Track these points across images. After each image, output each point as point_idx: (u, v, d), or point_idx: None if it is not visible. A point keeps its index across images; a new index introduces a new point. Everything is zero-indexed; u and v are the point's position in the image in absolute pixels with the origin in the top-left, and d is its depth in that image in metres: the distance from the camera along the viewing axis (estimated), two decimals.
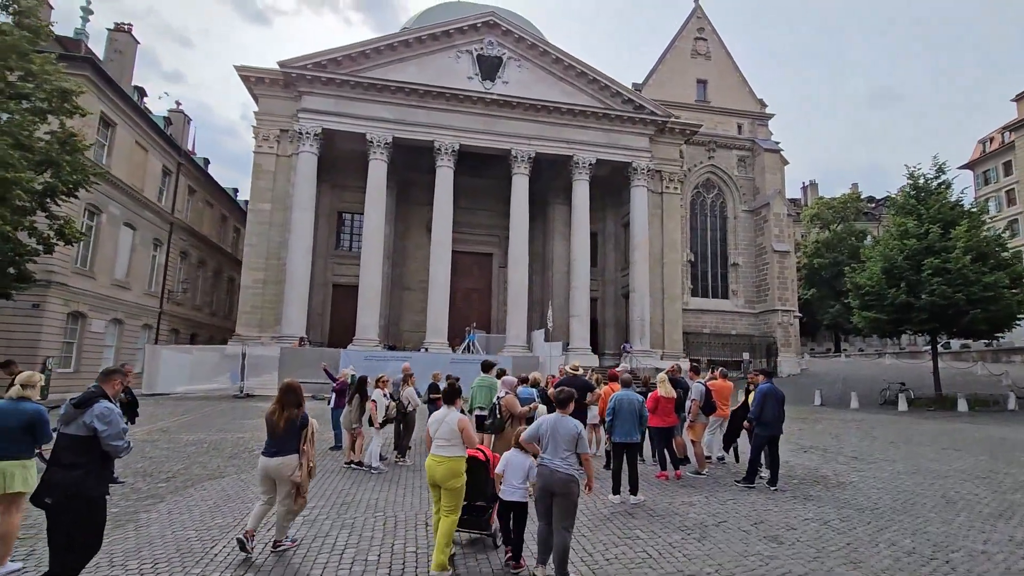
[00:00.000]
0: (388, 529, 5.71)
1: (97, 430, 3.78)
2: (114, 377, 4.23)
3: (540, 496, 4.65)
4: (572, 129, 29.45)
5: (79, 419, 3.81)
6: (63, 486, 3.69)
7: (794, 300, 35.63)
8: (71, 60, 19.84)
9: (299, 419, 5.05)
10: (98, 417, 3.79)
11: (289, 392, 5.13)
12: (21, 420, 4.64)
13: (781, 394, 7.84)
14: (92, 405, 3.85)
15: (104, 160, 22.25)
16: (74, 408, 3.85)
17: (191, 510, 6.29)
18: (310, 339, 27.42)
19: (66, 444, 3.80)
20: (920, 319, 19.85)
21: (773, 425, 7.66)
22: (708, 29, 37.81)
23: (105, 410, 3.85)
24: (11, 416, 4.61)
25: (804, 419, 16.79)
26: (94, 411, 3.82)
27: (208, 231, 33.14)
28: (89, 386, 4.09)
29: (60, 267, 19.65)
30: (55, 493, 3.69)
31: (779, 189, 35.22)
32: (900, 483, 8.05)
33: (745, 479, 7.76)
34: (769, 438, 7.67)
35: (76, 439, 3.78)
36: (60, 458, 3.79)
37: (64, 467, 3.74)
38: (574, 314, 29.05)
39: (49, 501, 3.68)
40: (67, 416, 3.85)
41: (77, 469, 3.73)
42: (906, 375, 27.52)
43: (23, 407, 4.70)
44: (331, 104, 27.12)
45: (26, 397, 4.77)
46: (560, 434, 4.66)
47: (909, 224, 20.45)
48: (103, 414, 3.82)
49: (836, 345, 53.68)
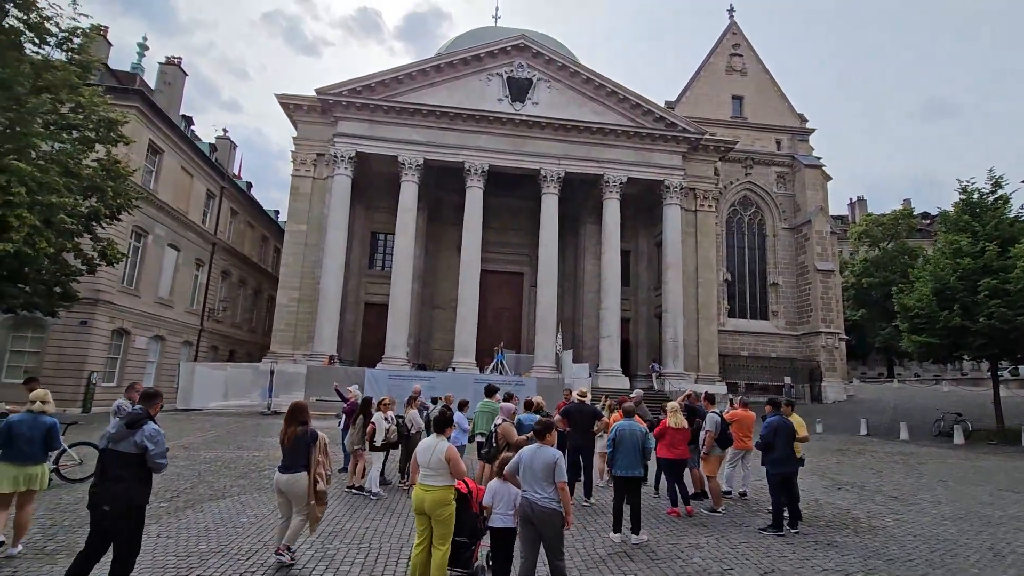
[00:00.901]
0: (368, 564, 5.50)
1: (147, 449, 4.29)
2: (156, 401, 4.70)
3: (523, 530, 4.66)
4: (602, 148, 29.24)
5: (130, 438, 4.30)
6: (120, 497, 4.20)
7: (840, 322, 33.83)
8: (123, 92, 21.22)
9: (306, 435, 5.36)
10: (148, 438, 4.32)
11: (295, 411, 5.47)
12: (41, 431, 5.69)
13: (789, 427, 7.17)
14: (142, 426, 4.35)
15: (151, 185, 23.50)
16: (126, 428, 4.32)
17: (180, 533, 6.27)
18: (341, 357, 27.87)
19: (116, 460, 4.28)
20: (977, 344, 18.35)
21: (784, 462, 7.01)
22: (744, 45, 37.07)
23: (154, 432, 4.37)
24: (34, 428, 5.65)
25: (845, 451, 15.66)
26: (144, 432, 4.33)
27: (249, 251, 34.43)
28: (135, 408, 4.67)
29: (107, 286, 20.71)
30: (113, 502, 4.19)
31: (821, 206, 33.75)
32: (942, 530, 7.25)
33: (772, 526, 6.97)
34: (783, 476, 7.02)
35: (126, 456, 4.27)
36: (109, 472, 4.26)
37: (116, 480, 4.22)
38: (604, 335, 28.43)
39: (107, 509, 4.17)
40: (118, 435, 4.33)
41: (127, 482, 4.25)
42: (965, 404, 25.50)
43: (42, 420, 5.76)
44: (365, 128, 27.91)
45: (44, 411, 5.82)
46: (537, 465, 4.61)
47: (963, 242, 19.08)
48: (152, 435, 4.34)
49: (889, 370, 50.56)
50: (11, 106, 13.07)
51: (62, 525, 6.53)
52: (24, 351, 19.87)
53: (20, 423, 5.65)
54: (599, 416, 8.51)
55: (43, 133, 13.60)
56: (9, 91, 13.10)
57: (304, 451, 5.35)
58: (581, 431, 8.27)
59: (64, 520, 6.74)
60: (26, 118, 13.13)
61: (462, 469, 4.97)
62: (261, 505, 7.71)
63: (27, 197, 12.33)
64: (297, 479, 5.27)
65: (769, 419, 7.28)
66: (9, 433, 5.58)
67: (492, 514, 4.82)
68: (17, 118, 13.07)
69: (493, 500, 4.81)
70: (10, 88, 13.11)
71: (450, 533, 4.72)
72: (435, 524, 4.67)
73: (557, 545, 4.60)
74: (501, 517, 4.76)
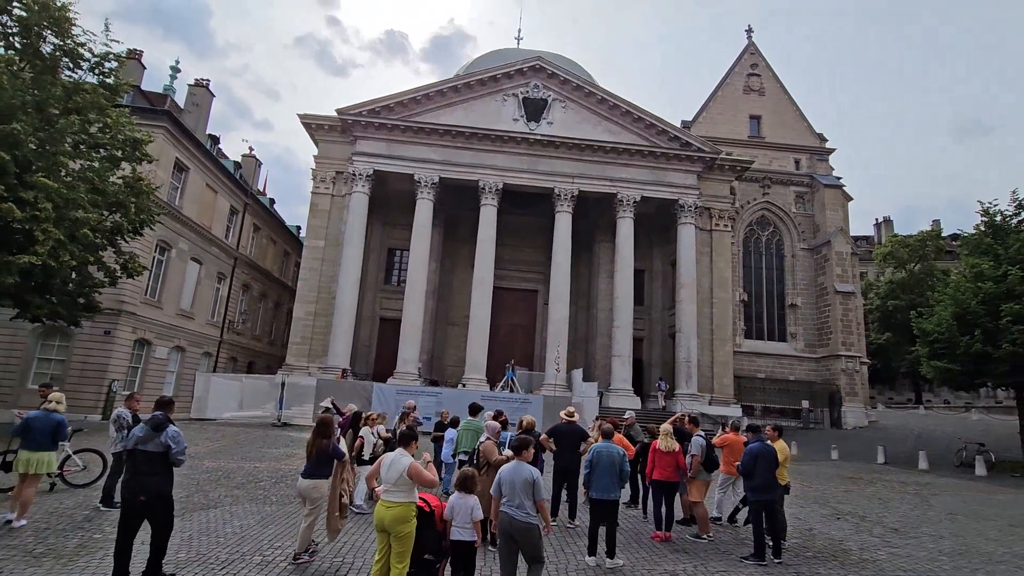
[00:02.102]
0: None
1: (170, 447, 5.17)
2: (171, 407, 5.60)
3: (502, 542, 4.94)
4: (616, 167, 29.34)
5: (155, 439, 5.14)
6: (153, 489, 5.07)
7: (861, 345, 32.90)
8: (152, 113, 22.26)
9: (330, 449, 6.09)
10: (171, 438, 5.20)
11: (321, 425, 6.23)
12: (51, 425, 7.19)
13: (772, 453, 7.05)
14: (166, 429, 5.22)
15: (176, 200, 24.44)
16: (152, 431, 5.17)
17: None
18: (355, 371, 28.23)
19: (145, 458, 5.12)
20: (1000, 371, 17.68)
21: (766, 489, 6.87)
22: (762, 65, 36.97)
23: (175, 433, 5.27)
24: (46, 423, 7.14)
25: (856, 479, 15.16)
26: (168, 434, 5.20)
27: (270, 266, 35.33)
28: (155, 413, 5.42)
29: (130, 297, 21.51)
30: (148, 493, 5.03)
31: (841, 226, 33.12)
32: (936, 566, 7.00)
33: (754, 555, 6.79)
34: (765, 504, 6.88)
35: (152, 454, 5.13)
36: (141, 469, 5.10)
37: (147, 475, 5.08)
38: (616, 354, 28.22)
39: (144, 499, 5.01)
40: (145, 437, 5.16)
41: (157, 475, 5.12)
42: (993, 434, 24.47)
43: (52, 416, 7.26)
44: (383, 147, 28.61)
45: (56, 410, 7.32)
46: (517, 482, 4.87)
47: (985, 266, 18.51)
48: (174, 436, 5.23)
49: (917, 395, 48.78)
50: (43, 126, 13.88)
51: (55, 528, 6.79)
52: (51, 358, 20.71)
53: (35, 419, 7.15)
54: (586, 437, 8.47)
55: (71, 152, 14.35)
56: (42, 112, 13.94)
57: (328, 462, 6.11)
58: (568, 451, 8.25)
59: (58, 524, 7.00)
60: (56, 138, 13.90)
61: (428, 479, 5.08)
62: (249, 516, 7.88)
63: (53, 213, 13.00)
64: (317, 485, 5.98)
65: (751, 445, 7.16)
66: (27, 426, 7.09)
67: (452, 527, 4.92)
68: (48, 138, 13.86)
69: (452, 513, 4.91)
70: (43, 110, 13.94)
71: (408, 550, 4.78)
72: (394, 541, 4.75)
73: (535, 553, 4.85)
74: (459, 530, 4.87)
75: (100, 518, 7.36)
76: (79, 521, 7.19)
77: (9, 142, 12.55)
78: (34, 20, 13.91)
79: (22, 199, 12.64)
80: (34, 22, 13.94)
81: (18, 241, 13.25)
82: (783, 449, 7.67)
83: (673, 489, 7.97)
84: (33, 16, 13.86)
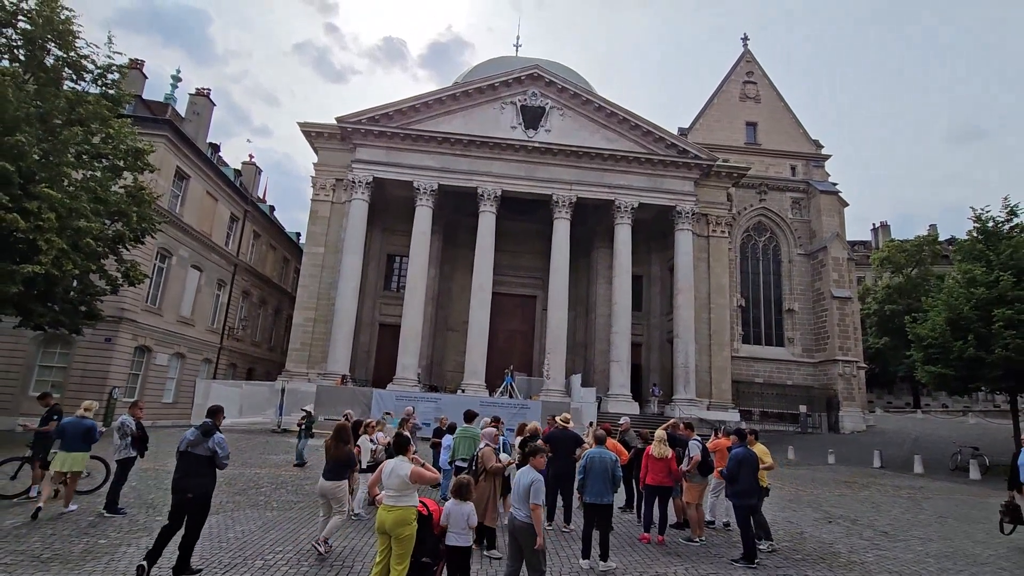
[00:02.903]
0: None
1: (216, 453, 5.88)
2: (220, 414, 6.34)
3: (509, 540, 5.43)
4: (614, 174, 29.59)
5: (204, 444, 5.83)
6: (199, 487, 5.75)
7: (858, 350, 33.07)
8: (153, 122, 22.49)
9: (345, 455, 6.91)
10: (217, 444, 5.90)
11: (339, 432, 7.03)
12: (83, 429, 8.30)
13: (755, 459, 7.20)
14: (213, 435, 5.91)
15: (177, 208, 24.63)
16: (202, 436, 5.85)
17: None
18: (355, 377, 28.36)
19: (194, 460, 5.80)
20: (994, 376, 17.86)
21: (749, 494, 7.01)
22: (757, 72, 37.33)
23: (221, 439, 5.97)
24: (78, 427, 8.28)
25: (851, 483, 15.30)
26: (215, 440, 5.90)
27: (270, 272, 35.50)
28: (205, 420, 6.08)
29: (131, 305, 21.65)
30: (195, 491, 5.72)
31: (837, 232, 33.35)
32: (922, 568, 7.15)
33: (744, 557, 6.93)
34: (750, 508, 7.03)
35: (201, 457, 5.81)
36: (191, 470, 5.78)
37: (195, 475, 5.76)
38: (614, 359, 28.36)
39: (191, 496, 5.70)
40: (195, 441, 5.84)
41: (204, 476, 5.81)
42: (990, 437, 24.63)
43: (84, 422, 8.38)
44: (382, 155, 28.85)
45: (86, 416, 8.50)
46: (521, 486, 5.29)
47: (977, 271, 18.74)
48: (219, 442, 5.93)
49: (915, 399, 48.92)
50: (46, 137, 14.10)
51: (61, 534, 6.93)
52: (52, 366, 20.83)
53: (70, 424, 8.33)
54: (580, 443, 8.63)
55: (74, 163, 14.55)
56: (45, 124, 14.15)
57: (347, 464, 6.99)
58: (563, 457, 8.39)
59: (64, 530, 7.15)
60: (59, 149, 14.11)
61: (429, 477, 5.29)
62: (251, 522, 8.03)
63: (56, 222, 13.18)
64: (338, 486, 6.77)
65: (735, 451, 7.33)
66: (63, 431, 8.34)
67: (448, 532, 5.10)
68: (51, 148, 14.07)
69: (448, 519, 5.09)
70: (46, 121, 14.16)
71: (408, 552, 4.94)
72: (394, 543, 4.91)
73: (535, 562, 5.13)
74: (455, 535, 5.07)
75: (105, 524, 7.51)
76: (84, 527, 7.33)
77: (13, 153, 12.75)
78: (38, 33, 14.15)
79: (26, 209, 12.82)
80: (38, 35, 14.18)
81: (21, 251, 13.43)
82: (764, 452, 7.88)
83: (666, 494, 8.13)
84: (37, 29, 14.10)
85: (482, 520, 6.49)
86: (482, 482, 6.85)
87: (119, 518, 7.83)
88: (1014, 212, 19.53)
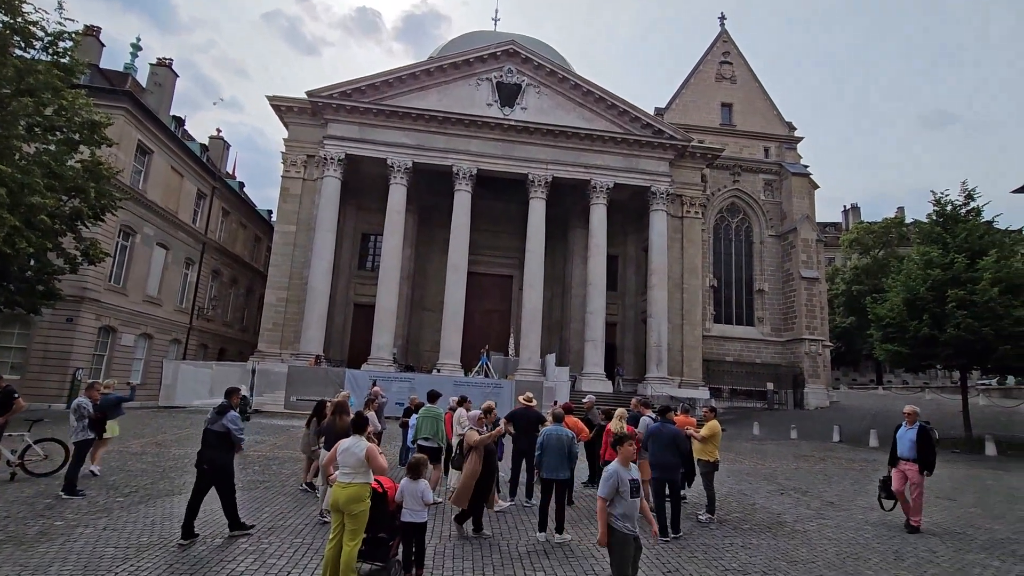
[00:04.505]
0: (295, 557, 5.83)
1: (229, 429, 6.37)
2: (235, 394, 6.88)
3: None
4: (590, 154, 29.54)
5: (219, 421, 6.36)
6: (215, 460, 6.28)
7: (824, 329, 34.10)
8: (111, 93, 21.60)
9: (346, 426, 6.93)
10: (229, 421, 6.41)
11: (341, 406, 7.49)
12: (113, 400, 9.50)
13: (671, 433, 7.24)
14: (227, 413, 6.44)
15: (140, 184, 23.88)
16: (216, 415, 6.42)
17: (126, 527, 6.60)
18: (329, 357, 28.21)
19: (212, 436, 6.34)
20: (946, 354, 18.65)
21: (664, 468, 7.11)
22: (734, 53, 37.40)
23: (234, 416, 6.50)
24: (110, 399, 9.39)
25: (808, 457, 15.95)
26: (227, 417, 6.41)
27: (241, 251, 34.80)
28: (222, 401, 6.65)
29: (93, 284, 21.08)
30: (211, 463, 6.24)
31: (807, 214, 34.03)
32: (859, 535, 7.56)
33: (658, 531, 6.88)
34: (664, 482, 7.11)
35: (217, 433, 6.34)
36: (209, 444, 6.31)
37: (212, 448, 6.29)
38: (589, 339, 28.74)
39: (207, 467, 6.23)
40: (212, 419, 6.41)
41: (219, 450, 6.32)
42: (944, 411, 25.76)
43: (112, 395, 9.53)
44: (355, 131, 28.26)
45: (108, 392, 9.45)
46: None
47: (933, 253, 19.38)
48: (232, 419, 6.44)
49: (878, 376, 50.81)
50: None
51: (16, 516, 6.86)
52: (10, 347, 20.24)
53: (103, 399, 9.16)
54: (543, 420, 8.80)
55: (25, 136, 13.95)
56: None
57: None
58: (525, 435, 8.57)
59: (19, 512, 7.06)
60: (8, 120, 13.50)
61: (381, 464, 5.33)
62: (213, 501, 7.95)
63: (8, 198, 12.69)
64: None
65: (650, 426, 7.53)
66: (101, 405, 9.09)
67: (403, 509, 5.23)
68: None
69: (402, 496, 5.20)
70: None
71: (361, 529, 5.04)
72: (347, 519, 4.98)
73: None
74: (410, 512, 5.21)
75: (62, 506, 7.44)
76: (40, 509, 7.26)
77: None
78: None
79: None
80: None
81: None
82: (714, 428, 8.17)
83: None
84: None
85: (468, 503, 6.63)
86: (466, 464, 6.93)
87: (77, 500, 7.76)
88: (971, 196, 20.16)
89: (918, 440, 8.01)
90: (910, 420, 8.24)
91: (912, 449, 8.01)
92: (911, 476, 7.92)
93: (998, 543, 7.45)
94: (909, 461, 7.98)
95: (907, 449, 8.07)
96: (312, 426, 8.98)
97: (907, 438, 8.13)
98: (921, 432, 8.07)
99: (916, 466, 7.91)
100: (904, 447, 8.13)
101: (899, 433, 8.32)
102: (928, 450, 7.97)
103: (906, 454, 8.06)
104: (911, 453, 8.00)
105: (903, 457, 8.09)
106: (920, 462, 7.91)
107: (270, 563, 5.63)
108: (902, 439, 8.21)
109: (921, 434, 8.05)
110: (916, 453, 7.95)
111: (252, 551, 5.93)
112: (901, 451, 8.16)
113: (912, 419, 8.22)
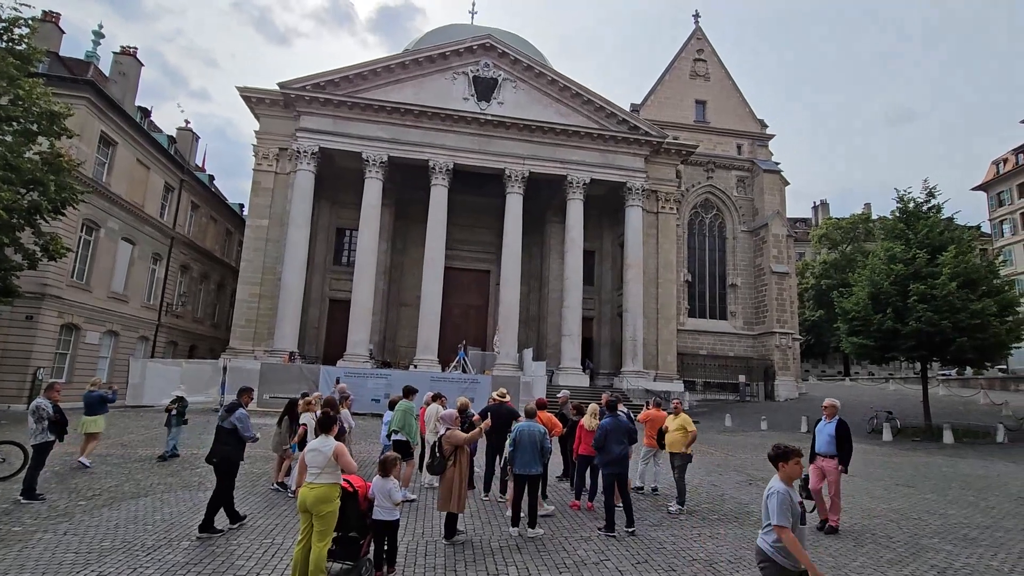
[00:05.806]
0: (264, 558, 5.76)
1: (236, 426, 6.67)
2: (246, 393, 7.45)
3: None
4: (566, 149, 29.64)
5: (228, 419, 6.67)
6: (224, 455, 6.61)
7: (794, 323, 34.98)
8: (73, 83, 20.82)
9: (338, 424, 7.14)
10: (236, 418, 6.71)
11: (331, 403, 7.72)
12: (96, 397, 10.66)
13: (625, 427, 7.32)
14: (235, 411, 6.76)
15: (104, 177, 23.09)
16: (226, 412, 6.78)
17: (87, 531, 6.43)
18: (304, 354, 27.83)
19: (222, 432, 6.69)
20: (908, 346, 19.33)
21: (617, 463, 7.15)
22: (708, 50, 37.88)
23: (242, 414, 6.81)
24: (94, 396, 10.66)
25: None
26: (235, 415, 6.73)
27: (211, 245, 33.98)
28: (232, 399, 7.07)
29: (54, 280, 20.35)
30: (220, 458, 6.59)
31: (778, 210, 34.79)
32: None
33: (606, 527, 6.92)
34: (614, 476, 7.17)
35: (226, 429, 6.67)
36: (220, 439, 6.66)
37: (223, 444, 6.63)
38: (566, 333, 28.93)
39: (217, 462, 6.60)
40: (222, 416, 6.77)
41: (229, 445, 6.65)
42: (907, 402, 26.77)
43: (97, 392, 10.78)
44: (329, 124, 27.80)
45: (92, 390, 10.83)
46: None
47: (896, 249, 20.05)
48: (240, 417, 6.76)
49: (846, 368, 52.39)
50: None
51: None
52: None
53: (88, 395, 10.70)
54: (516, 416, 8.85)
55: None
56: None
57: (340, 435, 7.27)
58: (499, 430, 8.61)
59: None
60: None
61: (351, 465, 5.28)
62: (181, 503, 7.89)
63: None
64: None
65: (603, 421, 7.42)
66: (86, 402, 10.59)
67: (374, 507, 5.23)
68: None
69: (373, 494, 5.21)
70: None
71: (329, 530, 4.99)
72: (316, 520, 4.93)
73: None
74: (380, 510, 5.23)
75: (19, 511, 7.20)
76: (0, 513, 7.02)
77: None
78: None
79: None
80: None
81: None
82: (686, 422, 8.34)
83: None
84: None
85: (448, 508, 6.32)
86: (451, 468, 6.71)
87: (36, 504, 7.52)
88: (932, 193, 20.89)
89: (837, 435, 7.56)
90: (829, 414, 7.75)
91: (831, 444, 7.55)
92: (828, 473, 7.50)
93: (951, 528, 7.79)
94: (827, 457, 7.54)
95: (825, 444, 7.61)
96: (283, 424, 8.87)
97: (826, 432, 7.67)
98: (840, 426, 7.62)
99: (834, 462, 7.50)
100: (822, 442, 7.65)
101: (818, 428, 7.85)
102: (847, 445, 7.55)
103: (824, 449, 7.60)
104: (829, 448, 7.55)
105: (820, 453, 7.63)
106: (840, 457, 7.53)
107: (238, 564, 5.56)
108: (820, 434, 7.73)
109: (840, 428, 7.60)
110: (835, 448, 7.53)
111: (220, 553, 5.84)
112: (819, 447, 7.67)
113: (831, 413, 7.74)
